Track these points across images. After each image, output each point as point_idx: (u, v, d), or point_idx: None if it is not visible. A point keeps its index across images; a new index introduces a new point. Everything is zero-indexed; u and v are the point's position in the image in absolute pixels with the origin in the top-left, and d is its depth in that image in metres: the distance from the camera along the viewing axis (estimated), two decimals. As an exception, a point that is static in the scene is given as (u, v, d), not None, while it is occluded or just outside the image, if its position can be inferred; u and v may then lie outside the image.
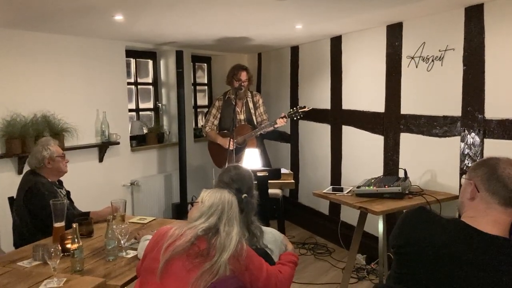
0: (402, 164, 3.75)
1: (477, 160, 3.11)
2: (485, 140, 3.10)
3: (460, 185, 3.17)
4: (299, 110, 4.16)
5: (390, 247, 1.53)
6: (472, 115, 3.18)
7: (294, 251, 2.07)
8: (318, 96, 4.84)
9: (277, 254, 1.95)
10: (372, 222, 3.58)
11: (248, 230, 1.87)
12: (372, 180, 3.41)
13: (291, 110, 4.21)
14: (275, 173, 3.64)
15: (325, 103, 4.72)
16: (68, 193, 3.10)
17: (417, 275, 1.39)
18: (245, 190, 1.98)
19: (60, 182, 3.09)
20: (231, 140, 4.10)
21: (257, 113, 4.65)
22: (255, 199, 2.03)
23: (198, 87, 6.07)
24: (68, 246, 2.23)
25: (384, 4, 3.12)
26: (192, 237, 1.65)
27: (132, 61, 5.20)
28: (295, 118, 4.25)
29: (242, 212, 1.89)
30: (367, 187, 3.23)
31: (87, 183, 4.32)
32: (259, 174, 3.45)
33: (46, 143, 2.95)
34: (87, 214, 2.85)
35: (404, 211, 2.26)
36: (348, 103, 4.43)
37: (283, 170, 3.76)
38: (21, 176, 3.03)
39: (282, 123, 4.24)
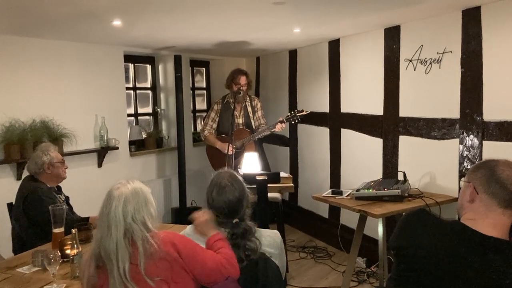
0: (401, 167, 3.76)
1: (476, 162, 3.11)
2: (483, 142, 3.11)
3: (459, 188, 3.18)
4: (297, 114, 4.15)
5: (390, 250, 1.53)
6: (470, 117, 3.18)
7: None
8: (316, 99, 4.85)
9: (277, 256, 1.94)
10: (372, 225, 3.57)
11: (244, 251, 1.84)
12: (372, 183, 3.41)
13: (289, 114, 4.20)
14: (274, 177, 3.63)
15: (324, 107, 4.72)
16: (67, 198, 3.09)
17: (417, 278, 1.38)
18: (241, 212, 1.94)
19: (59, 188, 3.09)
20: (230, 144, 4.10)
21: (255, 117, 4.65)
22: (249, 206, 1.99)
23: (196, 92, 6.08)
24: (68, 251, 2.23)
25: (381, 7, 3.13)
26: (94, 265, 1.65)
27: (131, 66, 5.20)
28: (293, 122, 4.25)
29: (236, 240, 1.86)
30: (366, 190, 3.23)
31: (86, 189, 4.30)
32: (258, 178, 3.45)
33: (46, 148, 2.95)
34: (86, 219, 2.84)
35: (404, 213, 2.26)
36: (347, 106, 4.43)
37: (282, 174, 3.75)
38: (20, 182, 3.03)
39: (280, 129, 4.24)
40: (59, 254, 2.03)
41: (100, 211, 1.69)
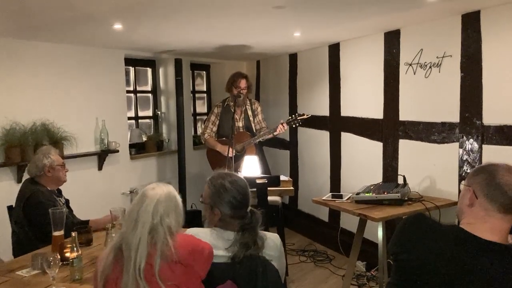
0: (401, 170, 3.76)
1: (476, 166, 3.11)
2: (483, 146, 3.11)
3: (459, 191, 3.18)
4: (298, 118, 4.16)
5: (389, 254, 1.53)
6: (470, 121, 3.19)
7: None
8: (316, 103, 4.85)
9: (277, 260, 1.94)
10: (372, 229, 3.57)
11: (253, 242, 1.86)
12: (371, 187, 3.41)
13: (290, 117, 4.21)
14: (274, 180, 3.63)
15: (324, 110, 4.73)
16: (67, 201, 3.09)
17: (416, 282, 1.38)
18: (247, 201, 1.97)
19: (59, 191, 3.09)
20: (230, 147, 4.10)
21: (255, 121, 4.65)
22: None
23: (197, 95, 6.09)
24: (67, 255, 2.23)
25: (381, 12, 3.14)
26: (112, 256, 1.66)
27: (131, 69, 5.22)
28: (294, 126, 4.25)
29: (250, 225, 1.88)
30: (366, 194, 3.23)
31: (86, 192, 4.31)
32: (258, 181, 3.45)
33: (47, 151, 2.95)
34: (86, 222, 2.84)
35: (403, 218, 2.26)
36: (347, 109, 4.44)
37: (282, 177, 3.75)
38: (20, 184, 3.03)
39: (281, 131, 4.24)
40: (59, 257, 2.03)
41: (130, 208, 1.72)
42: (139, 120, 5.39)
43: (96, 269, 1.72)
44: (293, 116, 4.20)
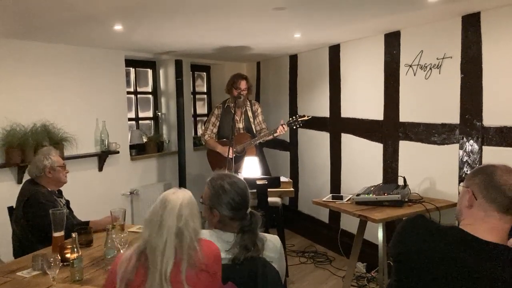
0: (401, 171, 3.76)
1: (475, 167, 3.12)
2: (483, 147, 3.11)
3: (459, 193, 3.18)
4: (299, 119, 4.16)
5: (389, 255, 1.53)
6: (470, 123, 3.19)
7: None
8: (317, 104, 4.86)
9: (277, 261, 1.94)
10: (372, 230, 3.57)
11: (253, 244, 1.86)
12: (372, 188, 3.41)
13: (291, 119, 4.21)
14: (275, 182, 3.64)
15: (324, 111, 4.73)
16: (67, 202, 3.09)
17: (417, 284, 1.38)
18: (247, 202, 1.97)
19: (60, 192, 3.09)
20: (231, 148, 4.11)
21: (255, 122, 4.66)
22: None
23: (197, 96, 6.09)
24: (68, 255, 2.22)
25: (381, 13, 3.14)
26: (134, 259, 1.61)
27: (132, 70, 5.22)
28: (294, 127, 4.25)
29: (250, 227, 1.88)
30: (366, 195, 3.23)
31: (86, 192, 4.31)
32: (258, 182, 3.45)
33: (48, 152, 2.95)
34: (86, 223, 2.85)
35: (403, 219, 2.26)
36: (347, 111, 4.44)
37: (282, 178, 3.76)
38: (21, 185, 3.03)
39: (282, 132, 4.24)
40: (59, 258, 2.03)
41: (151, 212, 1.68)
42: (140, 121, 5.39)
43: (111, 272, 1.68)
44: (294, 117, 4.20)
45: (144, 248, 1.63)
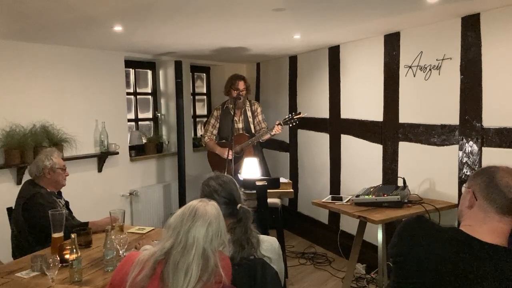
0: (400, 173, 3.76)
1: (476, 168, 3.12)
2: (483, 148, 3.11)
3: (459, 194, 3.18)
4: (295, 117, 4.17)
5: (389, 256, 1.53)
6: (470, 124, 3.19)
7: None
8: (316, 105, 4.86)
9: (275, 262, 1.94)
10: (372, 231, 3.57)
11: (246, 240, 1.86)
12: (371, 189, 3.41)
13: (287, 117, 4.22)
14: (274, 182, 3.63)
15: (324, 112, 4.73)
16: (67, 203, 3.09)
17: (416, 285, 1.38)
18: (238, 199, 1.99)
19: (59, 192, 3.09)
20: (230, 149, 4.11)
21: (255, 122, 4.66)
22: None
23: (197, 97, 6.09)
24: (67, 256, 2.23)
25: (381, 14, 3.14)
26: (148, 268, 1.52)
27: (131, 71, 5.22)
28: (290, 125, 4.26)
29: (240, 223, 1.88)
30: (366, 196, 3.23)
31: (86, 193, 4.31)
32: (258, 183, 3.45)
33: (50, 153, 2.96)
34: (85, 224, 2.85)
35: (403, 220, 2.26)
36: (347, 112, 4.44)
37: (282, 179, 3.75)
38: (20, 186, 3.03)
39: (277, 131, 4.25)
40: (58, 258, 2.03)
41: (177, 220, 1.59)
42: (139, 122, 5.39)
43: (120, 270, 1.62)
44: (290, 115, 4.21)
45: (162, 258, 1.54)
